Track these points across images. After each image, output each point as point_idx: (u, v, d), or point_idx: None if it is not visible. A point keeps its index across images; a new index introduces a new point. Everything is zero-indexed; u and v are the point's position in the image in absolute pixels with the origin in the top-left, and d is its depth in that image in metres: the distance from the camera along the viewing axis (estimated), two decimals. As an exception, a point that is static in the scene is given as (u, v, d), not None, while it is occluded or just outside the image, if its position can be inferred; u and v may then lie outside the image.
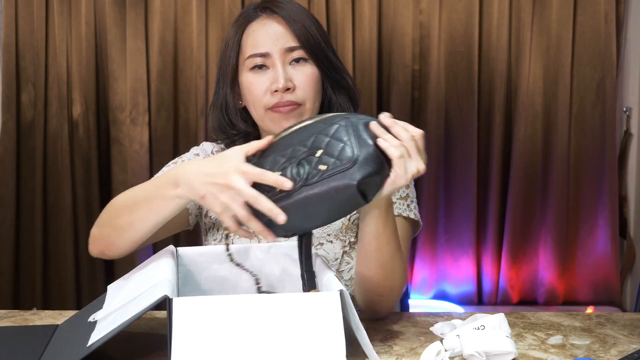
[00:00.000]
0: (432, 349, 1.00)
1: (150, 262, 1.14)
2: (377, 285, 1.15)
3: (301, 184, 0.97)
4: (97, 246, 1.21)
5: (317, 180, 0.97)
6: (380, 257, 1.13)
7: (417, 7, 2.55)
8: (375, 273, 1.14)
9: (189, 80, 2.59)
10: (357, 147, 0.98)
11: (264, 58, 1.25)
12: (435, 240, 2.65)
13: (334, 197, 0.97)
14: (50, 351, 1.04)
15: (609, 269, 2.62)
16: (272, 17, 1.26)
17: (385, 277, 1.15)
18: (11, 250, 2.59)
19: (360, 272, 1.17)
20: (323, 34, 1.29)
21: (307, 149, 1.00)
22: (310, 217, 1.00)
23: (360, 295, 1.20)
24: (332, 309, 0.92)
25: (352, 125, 1.01)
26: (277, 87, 1.23)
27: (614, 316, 1.21)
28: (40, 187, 2.59)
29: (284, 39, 1.25)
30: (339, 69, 1.31)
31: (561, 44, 2.54)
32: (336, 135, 1.00)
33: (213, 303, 0.92)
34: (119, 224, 1.15)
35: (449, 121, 2.59)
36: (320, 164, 0.98)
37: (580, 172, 2.60)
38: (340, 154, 0.98)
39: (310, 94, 1.26)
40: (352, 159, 0.97)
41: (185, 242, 2.51)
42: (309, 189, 0.97)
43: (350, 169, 0.97)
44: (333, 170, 0.97)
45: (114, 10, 2.54)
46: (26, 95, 2.59)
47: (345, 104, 1.32)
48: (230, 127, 1.33)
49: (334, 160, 0.98)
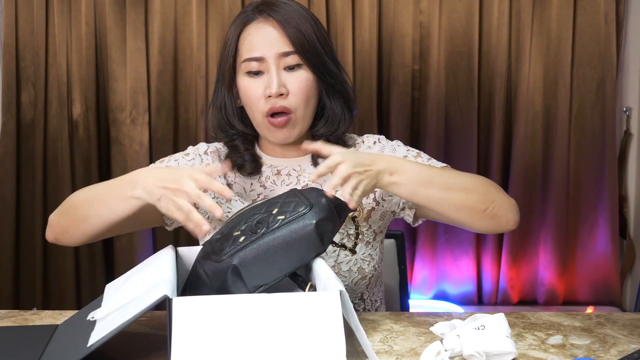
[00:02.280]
0: (432, 349, 1.00)
1: (150, 262, 1.14)
2: (479, 209, 1.21)
3: (262, 232, 1.04)
4: (52, 232, 1.30)
5: (278, 226, 1.05)
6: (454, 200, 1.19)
7: (417, 7, 2.55)
8: (465, 207, 1.20)
9: (189, 80, 2.59)
10: (308, 200, 1.07)
11: (259, 63, 1.26)
12: (435, 240, 2.65)
13: (294, 241, 1.04)
14: (50, 351, 1.04)
15: (609, 269, 2.62)
16: (268, 21, 1.26)
17: (472, 200, 1.20)
18: (11, 250, 2.59)
19: (459, 218, 1.23)
20: (321, 37, 1.28)
21: (265, 209, 1.09)
22: (273, 263, 1.05)
23: (475, 222, 1.23)
24: (332, 309, 0.92)
25: (300, 191, 1.11)
26: (270, 92, 1.24)
27: (614, 316, 1.21)
28: (40, 187, 2.59)
29: (279, 44, 1.25)
30: (335, 74, 1.31)
31: (561, 44, 2.54)
32: (286, 199, 1.09)
33: (213, 303, 0.92)
34: (77, 216, 1.24)
35: (449, 121, 2.59)
36: (279, 215, 1.06)
37: (580, 172, 2.60)
38: (295, 207, 1.07)
39: (302, 102, 1.27)
40: (307, 206, 1.06)
41: (185, 242, 2.51)
42: (271, 234, 1.04)
43: (307, 214, 1.05)
44: (291, 217, 1.05)
45: (114, 10, 2.54)
46: (26, 96, 2.59)
47: (339, 109, 1.32)
48: (229, 127, 1.35)
49: (290, 211, 1.06)
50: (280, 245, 1.04)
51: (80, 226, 1.23)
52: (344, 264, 1.32)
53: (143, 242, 2.60)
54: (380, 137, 1.41)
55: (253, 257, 1.03)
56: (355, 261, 1.33)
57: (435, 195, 1.18)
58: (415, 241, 2.66)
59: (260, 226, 1.05)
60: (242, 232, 1.06)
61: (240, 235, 1.06)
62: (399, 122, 2.58)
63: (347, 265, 1.32)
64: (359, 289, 1.35)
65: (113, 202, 1.17)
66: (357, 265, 1.33)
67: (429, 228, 2.63)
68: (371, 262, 1.35)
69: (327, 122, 1.32)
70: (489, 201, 1.21)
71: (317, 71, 1.27)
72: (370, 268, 1.35)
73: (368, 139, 1.40)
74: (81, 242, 1.28)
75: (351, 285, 1.34)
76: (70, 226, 1.25)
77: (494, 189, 1.25)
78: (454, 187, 1.19)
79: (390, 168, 1.14)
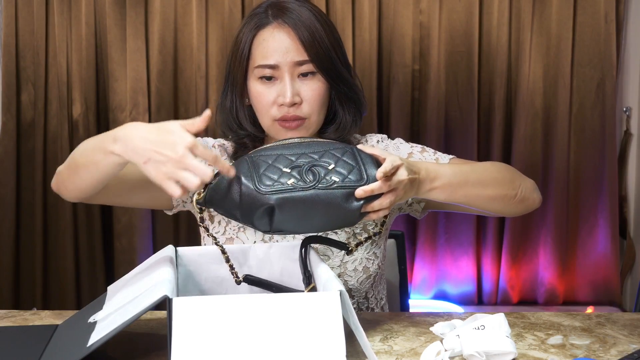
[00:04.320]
0: (432, 349, 1.00)
1: (150, 262, 1.14)
2: (510, 196, 1.24)
3: (313, 184, 1.02)
4: (55, 181, 1.28)
5: (327, 187, 1.02)
6: (489, 194, 1.21)
7: (417, 7, 2.55)
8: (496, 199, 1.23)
9: (189, 80, 2.59)
10: (366, 172, 1.04)
11: (272, 70, 1.25)
12: (435, 240, 2.65)
13: (337, 208, 1.02)
14: (50, 351, 1.04)
15: (609, 269, 2.62)
16: (282, 27, 1.24)
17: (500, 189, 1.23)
18: (11, 250, 2.59)
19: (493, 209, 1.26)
20: (335, 42, 1.27)
21: (319, 157, 1.05)
22: (307, 219, 1.03)
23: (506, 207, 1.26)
24: (332, 309, 0.92)
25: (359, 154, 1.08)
26: (284, 101, 1.24)
27: (614, 316, 1.21)
28: (40, 187, 2.59)
29: (294, 52, 1.24)
30: (348, 81, 1.30)
31: (561, 44, 2.54)
32: (345, 157, 1.06)
33: (213, 303, 0.92)
34: (72, 169, 1.20)
35: (449, 121, 2.59)
36: (334, 175, 1.03)
37: (580, 172, 2.60)
38: (350, 173, 1.04)
39: (316, 109, 1.26)
40: (362, 182, 1.03)
41: (185, 242, 2.51)
42: (319, 191, 1.02)
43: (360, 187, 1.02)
44: (344, 184, 1.03)
45: (114, 10, 2.54)
46: (26, 95, 2.59)
47: (351, 117, 1.32)
48: (238, 128, 1.33)
49: (345, 177, 1.03)
50: (322, 207, 1.02)
51: (74, 180, 1.20)
52: (350, 264, 1.33)
53: (143, 242, 2.60)
54: (383, 136, 1.42)
55: (292, 205, 1.01)
56: (360, 260, 1.34)
57: (472, 193, 1.19)
58: (415, 241, 2.66)
59: (312, 177, 1.03)
60: (291, 172, 1.03)
61: (289, 174, 1.03)
62: (399, 122, 2.58)
63: (353, 265, 1.33)
64: (363, 288, 1.35)
65: (97, 156, 1.11)
66: (362, 265, 1.34)
67: (429, 228, 2.63)
68: (375, 260, 1.35)
69: (338, 128, 1.31)
70: (517, 187, 1.26)
71: (331, 79, 1.27)
72: (374, 267, 1.35)
73: (371, 138, 1.41)
74: (77, 197, 1.24)
75: (356, 284, 1.34)
76: (67, 179, 1.22)
77: (517, 174, 1.29)
78: (486, 182, 1.21)
79: (430, 176, 1.14)
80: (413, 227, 2.66)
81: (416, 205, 1.36)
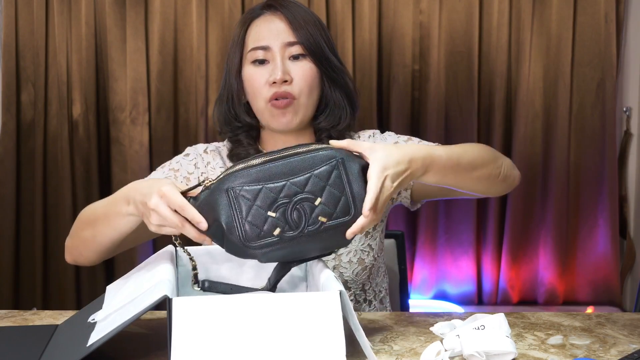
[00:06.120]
0: (432, 349, 1.00)
1: (150, 262, 1.14)
2: (495, 175, 1.26)
3: (300, 229, 0.99)
4: (70, 255, 1.29)
5: (316, 230, 0.99)
6: (477, 175, 1.21)
7: (417, 7, 2.55)
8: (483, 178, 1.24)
9: (189, 80, 2.59)
10: (354, 203, 1.00)
11: (264, 51, 1.30)
12: (435, 240, 2.65)
13: (326, 243, 1.02)
14: (50, 351, 1.04)
15: (609, 269, 2.62)
16: (275, 14, 1.31)
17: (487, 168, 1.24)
18: (11, 250, 2.59)
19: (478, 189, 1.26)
20: (325, 37, 1.33)
21: (303, 186, 1.00)
22: (297, 256, 1.04)
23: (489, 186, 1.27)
24: (332, 309, 0.92)
25: (343, 168, 1.01)
26: (275, 78, 1.28)
27: (614, 316, 1.21)
28: (40, 187, 2.59)
29: (285, 34, 1.29)
30: (338, 68, 1.34)
31: (561, 44, 2.54)
32: (331, 183, 1.00)
33: (213, 303, 0.92)
34: (84, 237, 1.22)
35: (449, 121, 2.59)
36: (320, 214, 0.99)
37: (580, 171, 2.60)
38: (337, 206, 1.00)
39: (305, 89, 1.30)
40: (350, 215, 1.00)
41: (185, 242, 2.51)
42: (307, 237, 1.00)
43: (349, 221, 1.00)
44: (332, 223, 1.00)
45: (114, 10, 2.54)
46: (26, 95, 2.59)
47: (342, 102, 1.35)
48: (234, 120, 1.37)
49: (332, 213, 1.00)
50: (311, 247, 1.02)
51: (90, 246, 1.23)
52: (344, 255, 1.36)
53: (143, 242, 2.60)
54: (375, 131, 1.45)
55: (281, 255, 1.02)
56: (355, 252, 1.36)
57: (462, 175, 1.19)
58: (415, 241, 2.66)
59: (297, 217, 0.99)
60: (276, 216, 0.98)
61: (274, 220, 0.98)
62: (399, 121, 2.58)
63: (347, 257, 1.36)
64: (360, 279, 1.38)
65: (114, 220, 1.14)
66: (357, 256, 1.36)
67: (429, 228, 2.63)
68: (370, 252, 1.38)
69: (328, 115, 1.34)
70: (499, 165, 1.27)
71: (320, 63, 1.31)
72: (370, 258, 1.38)
73: (363, 134, 1.44)
74: (97, 260, 1.27)
75: (352, 276, 1.37)
76: (82, 247, 1.25)
77: (497, 152, 1.31)
78: (475, 162, 1.21)
79: (425, 162, 1.10)
80: (413, 227, 2.66)
81: (404, 192, 1.38)
